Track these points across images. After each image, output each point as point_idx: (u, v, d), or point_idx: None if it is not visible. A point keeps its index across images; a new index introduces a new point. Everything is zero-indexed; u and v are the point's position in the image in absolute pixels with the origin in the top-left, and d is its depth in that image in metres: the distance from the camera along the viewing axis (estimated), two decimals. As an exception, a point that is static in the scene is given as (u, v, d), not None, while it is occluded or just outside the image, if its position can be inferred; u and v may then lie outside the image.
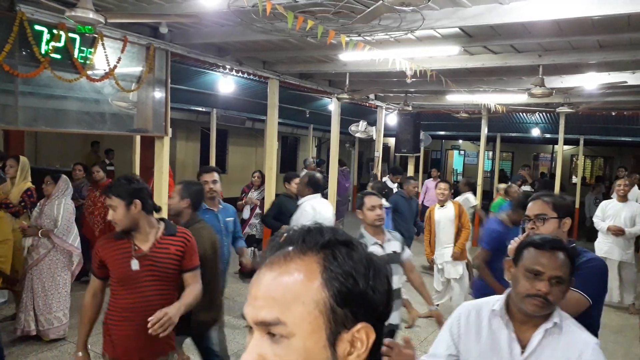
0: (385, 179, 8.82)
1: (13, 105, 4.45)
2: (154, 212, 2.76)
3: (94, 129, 5.23)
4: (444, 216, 6.13)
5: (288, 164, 16.48)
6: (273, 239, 0.85)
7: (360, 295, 0.76)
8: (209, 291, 3.15)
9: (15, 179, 5.34)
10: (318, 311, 0.74)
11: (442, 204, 6.18)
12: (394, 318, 3.37)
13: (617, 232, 6.18)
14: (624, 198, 6.36)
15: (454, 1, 4.06)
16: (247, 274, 5.42)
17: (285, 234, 0.83)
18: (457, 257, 6.01)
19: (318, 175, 4.98)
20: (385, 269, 0.82)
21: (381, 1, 3.18)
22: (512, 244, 2.26)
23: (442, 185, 6.28)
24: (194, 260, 2.78)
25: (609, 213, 6.40)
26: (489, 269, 4.05)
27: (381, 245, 3.41)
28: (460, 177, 22.32)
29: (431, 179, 11.35)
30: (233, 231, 4.46)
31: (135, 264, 2.59)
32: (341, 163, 12.81)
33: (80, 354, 2.75)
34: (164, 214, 4.19)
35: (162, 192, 5.66)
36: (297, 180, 5.73)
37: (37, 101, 4.70)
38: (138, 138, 8.14)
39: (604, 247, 6.42)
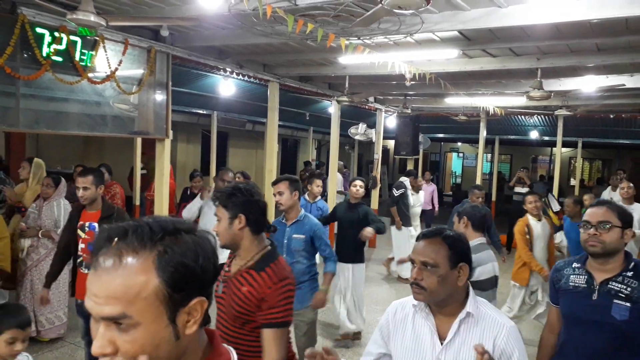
0: (406, 181, 8.47)
1: (14, 108, 4.47)
2: (267, 232, 2.39)
3: (95, 131, 5.25)
4: (542, 232, 5.43)
5: (288, 166, 16.51)
6: (102, 232, 0.88)
7: (192, 278, 0.87)
8: None
9: (29, 182, 5.37)
10: (158, 301, 0.84)
11: (538, 217, 5.48)
12: None
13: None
14: (629, 201, 6.20)
15: (453, 5, 4.08)
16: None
17: (110, 229, 0.87)
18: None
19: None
20: (210, 246, 0.92)
21: (380, 4, 3.21)
22: None
23: (532, 198, 5.48)
24: (274, 313, 2.11)
25: None
26: None
27: None
28: (459, 180, 22.38)
29: (424, 182, 10.66)
30: (304, 250, 3.87)
31: (220, 287, 2.27)
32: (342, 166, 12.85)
33: None
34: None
35: (163, 194, 5.68)
36: (359, 183, 5.48)
37: (38, 103, 4.72)
38: (139, 140, 8.18)
39: None
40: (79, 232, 3.82)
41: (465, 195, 9.73)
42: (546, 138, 14.65)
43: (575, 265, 2.30)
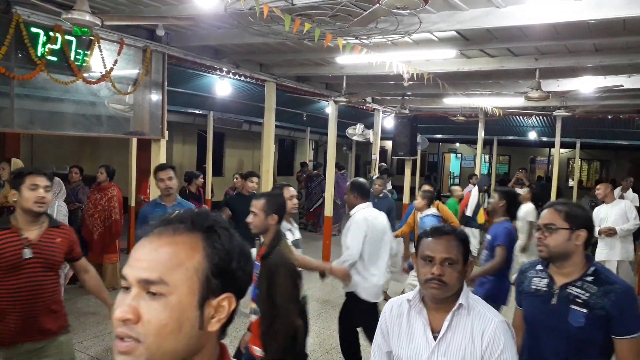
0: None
1: (9, 108, 4.44)
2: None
3: (90, 131, 5.22)
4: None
5: (285, 167, 16.49)
6: (161, 217, 0.94)
7: (232, 272, 0.91)
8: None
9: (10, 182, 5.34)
10: (196, 277, 0.87)
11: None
12: None
13: (609, 232, 6.19)
14: (609, 199, 6.40)
15: (450, 4, 4.06)
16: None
17: (176, 212, 0.94)
18: None
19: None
20: (250, 253, 0.98)
21: (378, 4, 3.18)
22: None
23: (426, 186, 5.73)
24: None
25: (600, 217, 6.42)
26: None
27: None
28: (457, 180, 22.38)
29: (470, 185, 10.24)
30: None
31: (28, 252, 2.71)
32: (338, 167, 12.84)
33: None
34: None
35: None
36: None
37: (33, 103, 4.68)
38: (134, 141, 8.14)
39: (603, 251, 6.42)
40: None
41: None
42: (544, 139, 14.65)
43: (538, 267, 2.26)
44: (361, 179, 4.46)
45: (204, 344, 0.90)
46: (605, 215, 6.38)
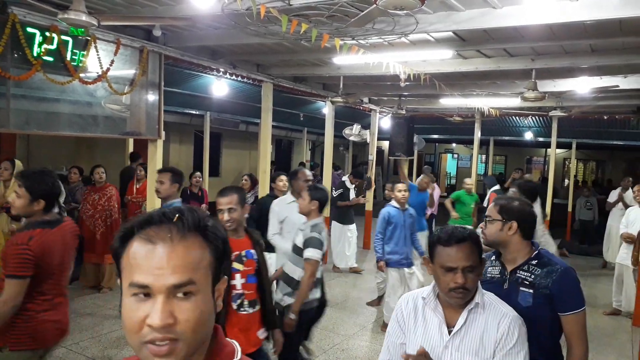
0: (345, 179, 8.76)
1: (5, 108, 4.42)
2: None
3: (86, 131, 5.20)
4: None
5: (282, 167, 16.48)
6: (157, 211, 0.99)
7: (226, 255, 1.02)
8: None
9: (10, 182, 5.34)
10: (210, 270, 0.97)
11: None
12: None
13: (627, 239, 6.08)
14: None
15: (447, 5, 4.07)
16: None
17: (177, 214, 0.97)
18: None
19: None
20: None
21: (375, 5, 3.19)
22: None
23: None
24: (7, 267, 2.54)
25: (630, 219, 6.24)
26: None
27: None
28: (453, 181, 22.42)
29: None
30: None
31: None
32: (334, 167, 12.86)
33: None
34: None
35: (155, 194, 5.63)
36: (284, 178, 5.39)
37: (29, 104, 4.67)
38: (131, 141, 8.13)
39: (622, 253, 6.29)
40: (235, 264, 2.98)
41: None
42: (541, 139, 14.68)
43: (492, 258, 2.44)
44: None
45: (211, 326, 1.01)
46: (635, 218, 6.19)
